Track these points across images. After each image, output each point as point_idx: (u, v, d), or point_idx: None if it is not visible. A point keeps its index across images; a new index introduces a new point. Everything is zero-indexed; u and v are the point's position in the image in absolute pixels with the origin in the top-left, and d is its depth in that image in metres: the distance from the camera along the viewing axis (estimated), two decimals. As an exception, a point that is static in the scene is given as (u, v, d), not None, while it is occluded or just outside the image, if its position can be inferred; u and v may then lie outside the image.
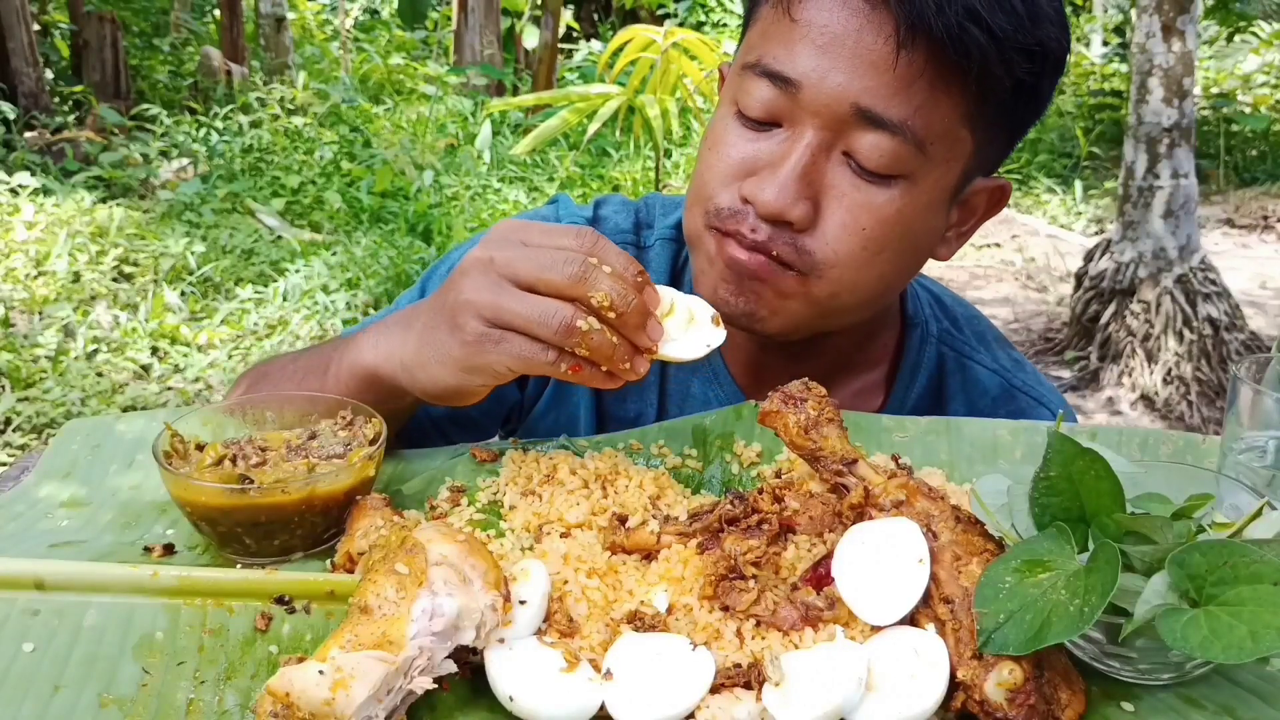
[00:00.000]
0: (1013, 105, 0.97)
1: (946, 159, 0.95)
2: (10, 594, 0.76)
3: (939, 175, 0.96)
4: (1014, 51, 0.90)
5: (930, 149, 0.93)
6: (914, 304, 1.19)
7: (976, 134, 0.96)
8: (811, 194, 0.94)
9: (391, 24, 11.43)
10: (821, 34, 0.92)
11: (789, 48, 0.93)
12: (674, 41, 5.50)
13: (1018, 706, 0.64)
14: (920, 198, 0.96)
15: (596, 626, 0.71)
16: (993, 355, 1.20)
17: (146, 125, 7.61)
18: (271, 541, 0.81)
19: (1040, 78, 0.95)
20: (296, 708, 0.61)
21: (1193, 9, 5.08)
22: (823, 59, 0.92)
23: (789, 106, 0.94)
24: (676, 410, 1.17)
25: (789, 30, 0.94)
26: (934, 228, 1.01)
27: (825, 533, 0.78)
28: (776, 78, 0.94)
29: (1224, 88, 9.94)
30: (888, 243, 0.96)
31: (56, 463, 0.95)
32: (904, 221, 0.96)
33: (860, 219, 0.95)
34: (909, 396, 1.16)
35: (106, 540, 0.85)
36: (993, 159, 1.02)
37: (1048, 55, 0.93)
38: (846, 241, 0.96)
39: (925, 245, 1.03)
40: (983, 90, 0.92)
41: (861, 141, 0.92)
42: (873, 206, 0.95)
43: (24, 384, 4.36)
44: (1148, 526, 0.66)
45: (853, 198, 0.94)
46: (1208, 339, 5.03)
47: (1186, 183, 5.20)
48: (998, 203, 1.06)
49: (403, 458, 0.98)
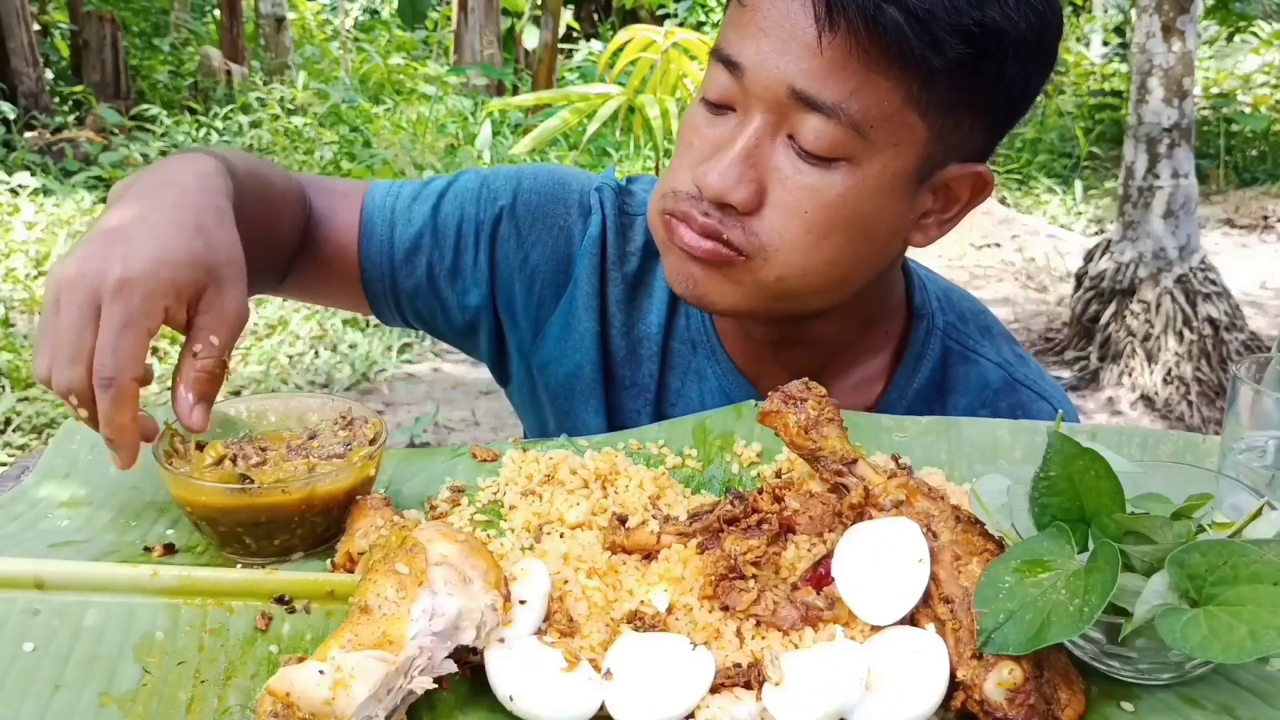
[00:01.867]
0: (971, 90, 0.94)
1: (893, 143, 0.94)
2: (10, 594, 0.76)
3: (887, 159, 0.95)
4: (943, 33, 0.88)
5: (871, 132, 0.93)
6: (921, 296, 1.19)
7: (929, 118, 0.94)
8: (755, 177, 0.95)
9: (391, 24, 11.43)
10: (765, 19, 0.93)
11: (738, 32, 0.95)
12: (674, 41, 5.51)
13: (1017, 706, 0.64)
14: (866, 181, 0.95)
15: (596, 626, 0.71)
16: (997, 349, 1.21)
17: (146, 125, 7.61)
18: (272, 541, 0.81)
19: (992, 60, 0.91)
20: (297, 707, 0.61)
21: (1193, 9, 5.08)
22: (764, 42, 0.93)
23: (739, 92, 0.96)
24: (677, 380, 1.19)
25: (739, 15, 0.96)
26: (892, 213, 1.00)
27: (825, 533, 0.79)
28: (728, 62, 0.96)
29: (1224, 88, 9.95)
30: (833, 226, 0.96)
31: (56, 463, 0.95)
32: (848, 205, 0.96)
33: (802, 202, 0.95)
34: (911, 386, 1.17)
35: (106, 539, 0.85)
36: (970, 146, 1.00)
37: (999, 36, 0.90)
38: (789, 224, 0.96)
39: (884, 230, 1.01)
40: (921, 73, 0.91)
41: (802, 124, 0.93)
42: (813, 189, 0.95)
43: (24, 384, 4.36)
44: (1148, 526, 0.66)
45: (795, 180, 0.95)
46: (1208, 339, 5.04)
47: (1186, 183, 5.20)
48: (981, 190, 1.05)
49: (403, 457, 0.98)
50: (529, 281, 1.18)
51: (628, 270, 1.18)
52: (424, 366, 5.32)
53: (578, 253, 1.17)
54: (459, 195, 1.18)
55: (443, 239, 1.16)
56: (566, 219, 1.18)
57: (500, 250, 1.17)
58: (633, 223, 1.19)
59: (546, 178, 1.20)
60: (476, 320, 1.20)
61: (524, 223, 1.17)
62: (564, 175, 1.21)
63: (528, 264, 1.17)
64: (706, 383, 1.17)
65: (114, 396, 0.78)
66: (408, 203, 1.17)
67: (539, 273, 1.17)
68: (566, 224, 1.18)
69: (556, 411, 1.22)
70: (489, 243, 1.16)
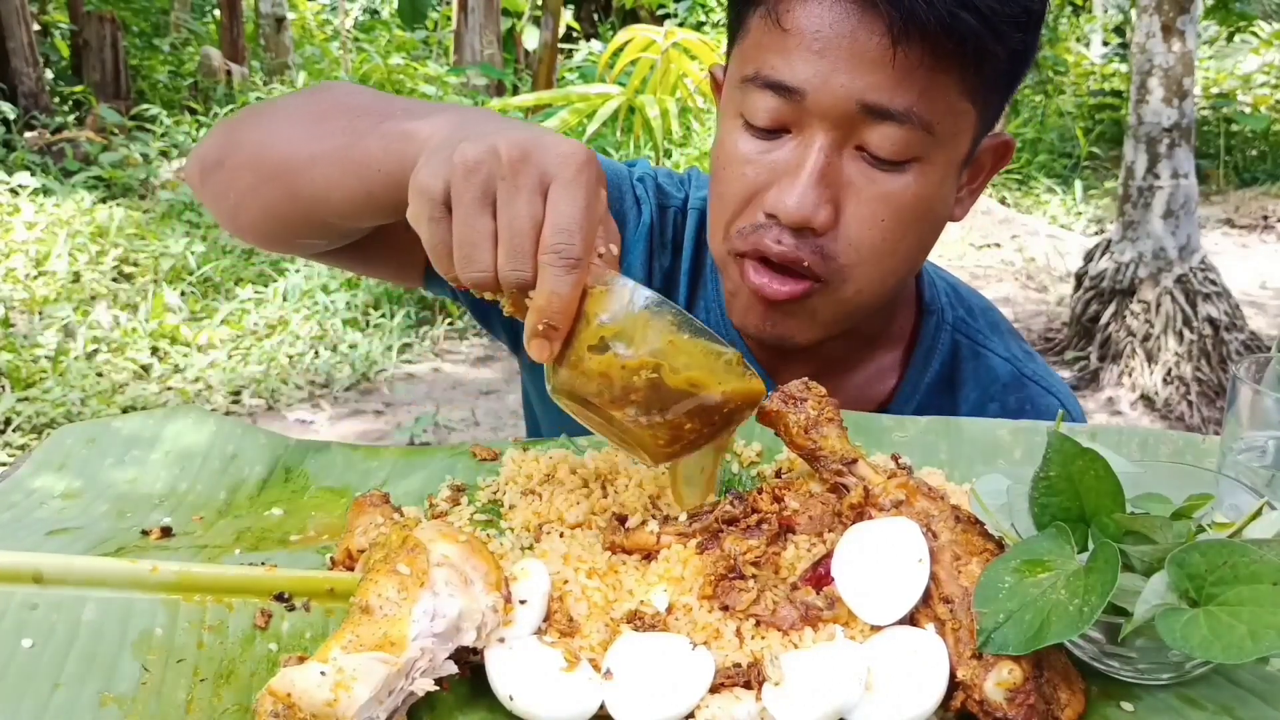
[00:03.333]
0: (1012, 69, 0.99)
1: (954, 133, 0.97)
2: (9, 588, 0.76)
3: (949, 150, 0.98)
4: (1005, 25, 0.91)
5: (937, 128, 0.95)
6: (931, 291, 1.20)
7: (977, 103, 0.98)
8: (831, 196, 0.96)
9: (391, 24, 11.42)
10: (816, 39, 0.93)
11: (785, 57, 0.94)
12: (674, 41, 5.51)
13: (1017, 706, 0.64)
14: (934, 175, 0.98)
15: (596, 626, 0.71)
16: (1005, 345, 1.22)
17: (146, 125, 7.61)
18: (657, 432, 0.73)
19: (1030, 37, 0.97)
20: (298, 708, 0.61)
21: (1193, 9, 5.08)
22: (822, 63, 0.92)
23: (796, 113, 0.95)
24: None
25: (782, 40, 0.94)
26: (947, 198, 1.03)
27: (825, 532, 0.78)
28: (779, 88, 0.95)
29: (1224, 88, 9.95)
30: (907, 229, 0.99)
31: (51, 456, 0.95)
32: (921, 203, 0.98)
33: (878, 211, 0.97)
34: (922, 381, 1.18)
35: (103, 527, 0.85)
36: (994, 118, 1.04)
37: (1033, 15, 0.95)
38: (867, 237, 0.97)
39: (943, 218, 1.05)
40: (980, 65, 0.94)
41: (872, 134, 0.94)
42: (889, 196, 0.96)
43: (24, 384, 4.36)
44: (1148, 526, 0.66)
45: (870, 190, 0.96)
46: (1208, 339, 5.04)
47: (1186, 183, 5.20)
48: (1004, 156, 1.09)
49: (403, 457, 0.98)
50: None
51: (663, 262, 1.19)
52: (424, 366, 5.32)
53: (630, 239, 1.17)
54: None
55: None
56: (622, 205, 1.18)
57: None
58: (666, 215, 1.20)
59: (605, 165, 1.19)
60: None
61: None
62: (614, 165, 1.21)
63: None
64: None
65: (577, 280, 0.70)
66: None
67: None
68: (622, 210, 1.18)
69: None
70: None
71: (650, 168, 1.23)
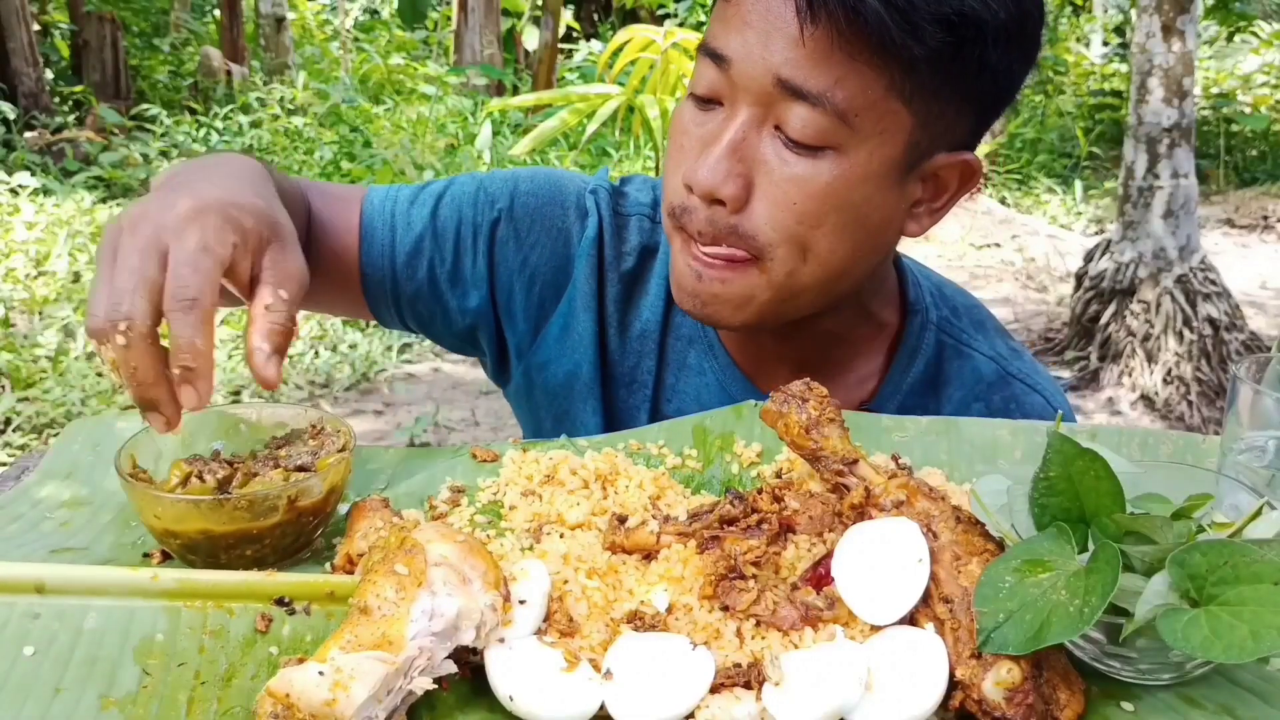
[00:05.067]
0: (954, 78, 0.94)
1: (878, 131, 0.95)
2: (10, 598, 0.76)
3: (872, 148, 0.96)
4: (924, 22, 0.89)
5: (856, 121, 0.93)
6: (915, 291, 1.20)
7: (913, 106, 0.95)
8: (743, 170, 0.96)
9: (391, 24, 11.43)
10: (749, 11, 0.94)
11: (725, 25, 0.96)
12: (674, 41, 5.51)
13: (1016, 706, 0.64)
14: (853, 170, 0.96)
15: (596, 626, 0.71)
16: (990, 343, 1.21)
17: (146, 125, 7.62)
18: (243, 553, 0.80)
19: (973, 47, 0.92)
20: (297, 708, 0.61)
21: (1193, 9, 5.08)
22: (749, 35, 0.94)
23: (727, 86, 0.96)
24: (673, 376, 1.19)
25: (725, 10, 0.97)
26: (882, 202, 1.00)
27: (825, 532, 0.79)
28: (715, 56, 0.96)
29: (1224, 88, 9.95)
30: (823, 216, 0.97)
31: (58, 463, 0.95)
32: (836, 193, 0.96)
33: (789, 193, 0.96)
34: (905, 380, 1.17)
35: (107, 541, 0.85)
36: (957, 134, 1.01)
37: (978, 24, 0.91)
38: (780, 217, 0.97)
39: (875, 219, 1.01)
40: (903, 62, 0.91)
41: (789, 114, 0.94)
42: (801, 179, 0.95)
43: (24, 384, 4.36)
44: (1148, 526, 0.66)
45: (781, 171, 0.96)
46: (1208, 339, 5.04)
47: (1186, 183, 5.20)
48: (969, 178, 1.05)
49: (403, 457, 0.98)
50: (528, 283, 1.18)
51: (624, 270, 1.19)
52: (424, 366, 5.32)
53: (576, 254, 1.17)
54: (456, 199, 1.18)
55: (443, 242, 1.16)
56: (564, 221, 1.18)
57: (499, 253, 1.17)
58: (627, 223, 1.20)
59: (543, 181, 1.20)
60: (476, 323, 1.20)
61: (522, 225, 1.17)
62: (559, 178, 1.22)
63: (527, 266, 1.17)
64: (704, 378, 1.18)
65: (198, 319, 0.74)
66: (406, 206, 1.17)
67: (538, 275, 1.18)
68: (564, 226, 1.18)
69: (554, 412, 1.22)
70: (488, 246, 1.17)
71: (607, 178, 1.23)
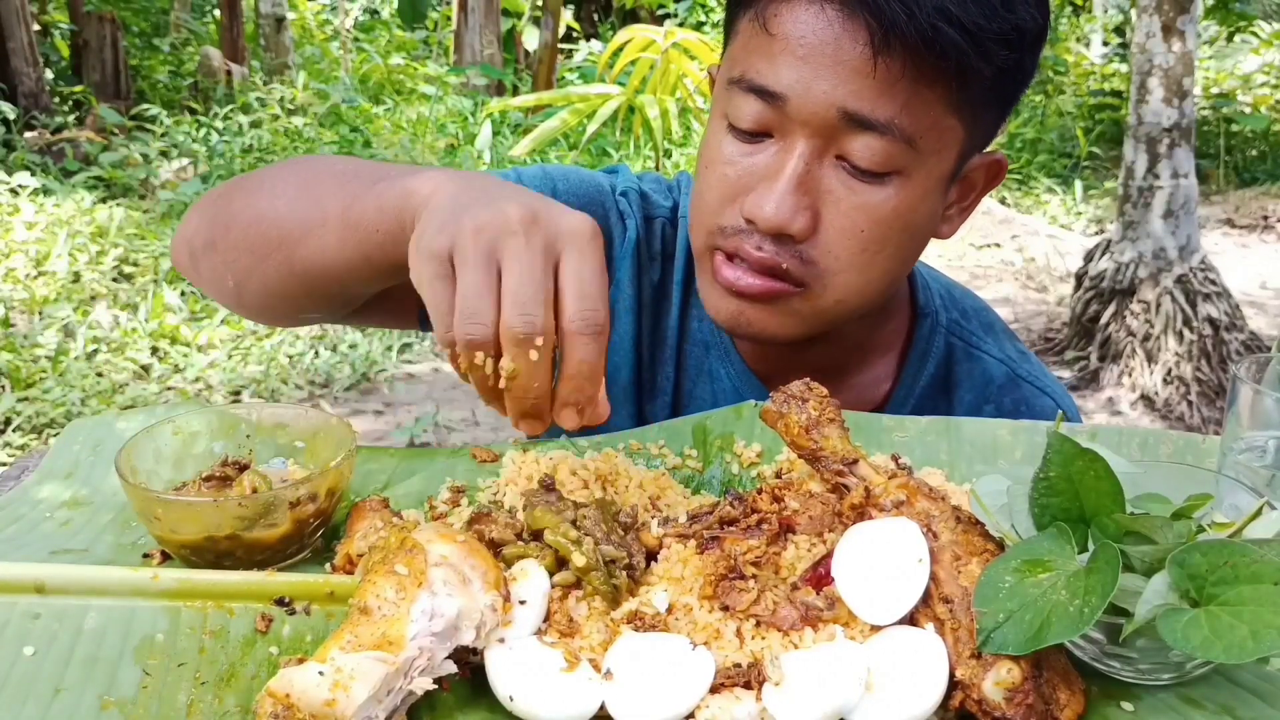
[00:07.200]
0: (998, 86, 0.97)
1: (938, 149, 0.96)
2: (11, 598, 0.76)
3: (932, 166, 0.97)
4: (991, 42, 0.90)
5: (920, 143, 0.94)
6: (924, 294, 1.20)
7: (965, 120, 0.97)
8: (809, 203, 0.96)
9: (391, 24, 11.43)
10: (800, 46, 0.92)
11: (770, 61, 0.94)
12: (674, 41, 5.51)
13: (1016, 706, 0.64)
14: (915, 190, 0.97)
15: (596, 626, 0.71)
16: (1000, 346, 1.22)
17: (146, 125, 7.61)
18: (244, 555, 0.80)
19: (1021, 57, 0.95)
20: (297, 709, 0.61)
21: (1193, 9, 5.08)
22: (804, 69, 0.92)
23: (778, 119, 0.95)
24: (690, 382, 1.19)
25: (768, 44, 0.95)
26: (931, 213, 1.02)
27: (825, 533, 0.78)
28: (762, 92, 0.95)
29: (1224, 88, 9.95)
30: (887, 241, 0.98)
31: (58, 463, 0.95)
32: (901, 217, 0.97)
33: (858, 221, 0.96)
34: (917, 384, 1.18)
35: (107, 542, 0.85)
36: (986, 136, 1.03)
37: (1025, 35, 0.93)
38: (846, 246, 0.97)
39: (926, 232, 1.04)
40: (964, 80, 0.93)
41: (853, 144, 0.93)
42: (868, 207, 0.96)
43: (24, 384, 4.36)
44: (1148, 526, 0.66)
45: (849, 201, 0.96)
46: (1208, 339, 5.04)
47: (1186, 183, 5.20)
48: (995, 176, 1.07)
49: (403, 457, 0.98)
50: None
51: (653, 275, 1.18)
52: (424, 366, 5.32)
53: (618, 256, 1.17)
54: None
55: None
56: (606, 223, 1.17)
57: None
58: (652, 226, 1.19)
59: (578, 180, 1.19)
60: None
61: None
62: (593, 179, 1.20)
63: None
64: (719, 384, 1.18)
65: (603, 347, 0.74)
66: None
67: None
68: (607, 227, 1.17)
69: None
70: None
71: (633, 177, 1.22)
